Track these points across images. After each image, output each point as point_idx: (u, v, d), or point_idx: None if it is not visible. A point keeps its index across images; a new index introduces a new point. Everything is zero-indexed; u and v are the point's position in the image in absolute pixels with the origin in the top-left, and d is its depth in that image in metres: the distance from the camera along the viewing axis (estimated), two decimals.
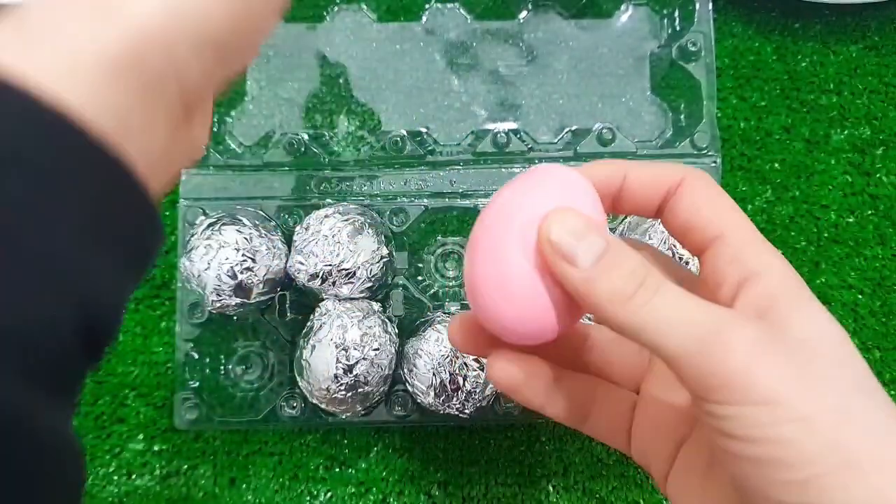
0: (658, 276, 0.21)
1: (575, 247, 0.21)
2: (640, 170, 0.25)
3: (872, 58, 0.45)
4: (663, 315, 0.20)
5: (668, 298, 0.21)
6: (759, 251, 0.22)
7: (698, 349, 0.20)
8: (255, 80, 0.44)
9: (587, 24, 0.44)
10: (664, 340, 0.20)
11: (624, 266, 0.21)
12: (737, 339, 0.20)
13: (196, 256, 0.36)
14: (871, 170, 0.44)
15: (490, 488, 0.41)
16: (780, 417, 0.19)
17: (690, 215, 0.24)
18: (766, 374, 0.19)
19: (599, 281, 0.21)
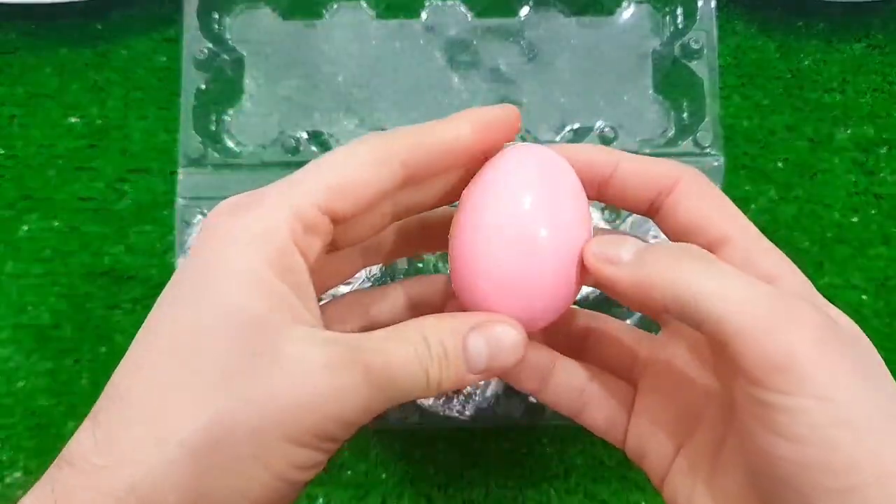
0: (709, 254, 0.21)
1: (615, 250, 0.21)
2: (634, 162, 0.24)
3: (876, 56, 0.45)
4: (722, 284, 0.19)
5: (725, 269, 0.20)
6: (770, 254, 0.22)
7: (766, 326, 0.18)
8: (254, 78, 0.43)
9: (589, 22, 0.43)
10: (728, 312, 0.19)
11: (668, 247, 0.21)
12: (808, 324, 0.19)
13: None
14: (874, 169, 0.44)
15: (490, 491, 0.40)
16: (833, 417, 0.18)
17: (693, 217, 0.23)
18: (828, 367, 0.18)
19: (646, 263, 0.21)
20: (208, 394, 0.18)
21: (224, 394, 0.18)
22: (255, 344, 0.19)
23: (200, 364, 0.19)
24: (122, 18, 0.45)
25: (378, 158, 0.21)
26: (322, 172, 0.21)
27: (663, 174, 0.24)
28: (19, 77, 0.45)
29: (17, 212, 0.43)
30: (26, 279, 0.43)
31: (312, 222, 0.21)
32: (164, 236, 0.43)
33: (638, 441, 0.26)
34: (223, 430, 0.18)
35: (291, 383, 0.19)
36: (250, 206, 0.21)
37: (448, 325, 0.22)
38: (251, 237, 0.20)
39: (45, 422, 0.41)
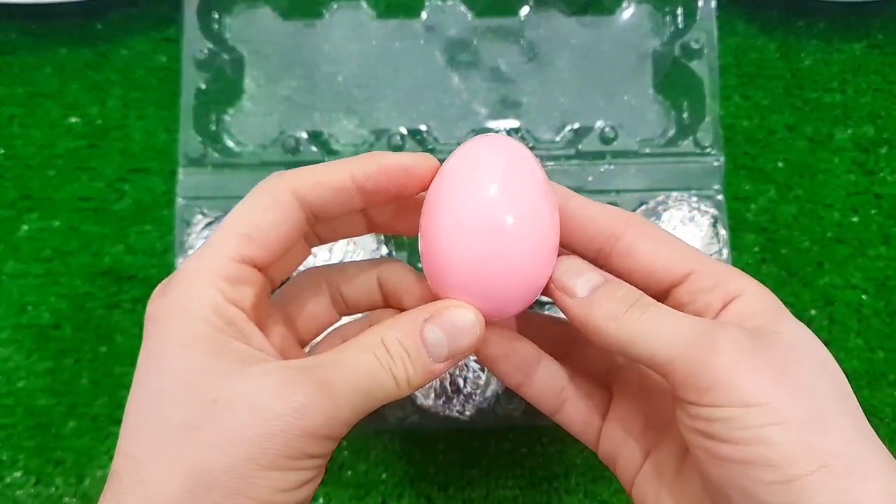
0: (650, 299, 0.23)
1: (573, 281, 0.24)
2: (582, 204, 0.25)
3: (876, 56, 0.45)
4: (654, 326, 0.22)
5: (658, 313, 0.22)
6: (735, 276, 0.24)
7: (686, 352, 0.21)
8: (254, 78, 0.43)
9: (589, 22, 0.43)
10: (655, 348, 0.22)
11: (618, 292, 0.23)
12: (724, 343, 0.21)
13: None
14: (874, 168, 0.44)
15: (491, 491, 0.40)
16: (765, 419, 0.20)
17: (653, 258, 0.24)
18: (751, 376, 0.20)
19: (594, 305, 0.23)
20: (178, 449, 0.20)
21: (192, 444, 0.20)
22: (209, 393, 0.20)
23: (166, 424, 0.20)
24: (122, 18, 0.45)
25: (277, 201, 0.23)
26: (231, 226, 0.23)
27: (611, 220, 0.25)
28: (19, 77, 0.45)
29: (17, 211, 0.43)
30: (26, 279, 0.43)
31: (235, 275, 0.22)
32: (164, 236, 0.43)
33: (610, 445, 0.27)
34: (201, 478, 0.20)
35: (250, 415, 0.20)
36: (177, 281, 0.22)
37: (403, 323, 0.23)
38: (183, 310, 0.21)
39: (45, 421, 0.41)
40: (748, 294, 0.23)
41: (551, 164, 0.40)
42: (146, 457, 0.20)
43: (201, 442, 0.20)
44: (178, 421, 0.20)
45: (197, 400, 0.20)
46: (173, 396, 0.20)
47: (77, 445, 0.41)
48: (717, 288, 0.23)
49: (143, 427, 0.21)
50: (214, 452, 0.20)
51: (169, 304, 0.21)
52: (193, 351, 0.21)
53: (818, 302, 0.42)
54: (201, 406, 0.20)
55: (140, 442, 0.21)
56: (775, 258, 0.42)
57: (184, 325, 0.21)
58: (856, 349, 0.42)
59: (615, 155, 0.40)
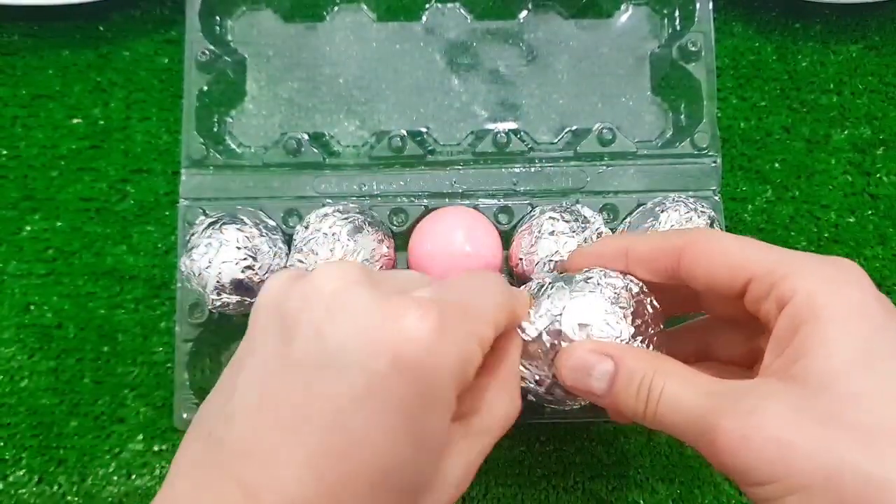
0: (662, 374, 0.24)
1: (589, 384, 0.25)
2: (638, 244, 0.28)
3: (873, 57, 0.45)
4: (668, 423, 0.24)
5: (667, 405, 0.23)
6: (785, 275, 0.23)
7: (700, 446, 0.22)
8: (255, 79, 0.44)
9: (587, 24, 0.44)
10: (681, 438, 0.23)
11: (632, 383, 0.24)
12: (720, 436, 0.21)
13: (197, 255, 0.36)
14: (871, 170, 0.44)
15: (489, 488, 0.41)
16: (781, 491, 0.20)
17: (711, 276, 0.25)
18: (754, 458, 0.21)
19: (619, 404, 0.25)
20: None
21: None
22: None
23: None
24: (125, 20, 0.45)
25: (507, 301, 0.26)
26: (490, 300, 0.25)
27: (667, 248, 0.27)
28: (22, 78, 0.45)
29: (19, 212, 0.44)
30: (29, 279, 0.43)
31: (487, 347, 0.24)
32: (167, 237, 0.43)
33: None
34: None
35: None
36: (449, 327, 0.22)
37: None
38: (455, 364, 0.22)
39: (47, 420, 0.41)
40: (796, 298, 0.23)
41: (550, 165, 0.41)
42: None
43: None
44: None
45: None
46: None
47: (79, 444, 0.41)
48: (772, 292, 0.23)
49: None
50: None
51: (445, 345, 0.21)
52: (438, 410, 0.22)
53: None
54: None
55: None
56: None
57: (449, 386, 0.22)
58: None
59: (613, 156, 0.40)
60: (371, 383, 0.20)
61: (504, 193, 0.40)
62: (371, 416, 0.20)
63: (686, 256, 0.26)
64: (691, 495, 0.40)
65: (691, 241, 0.26)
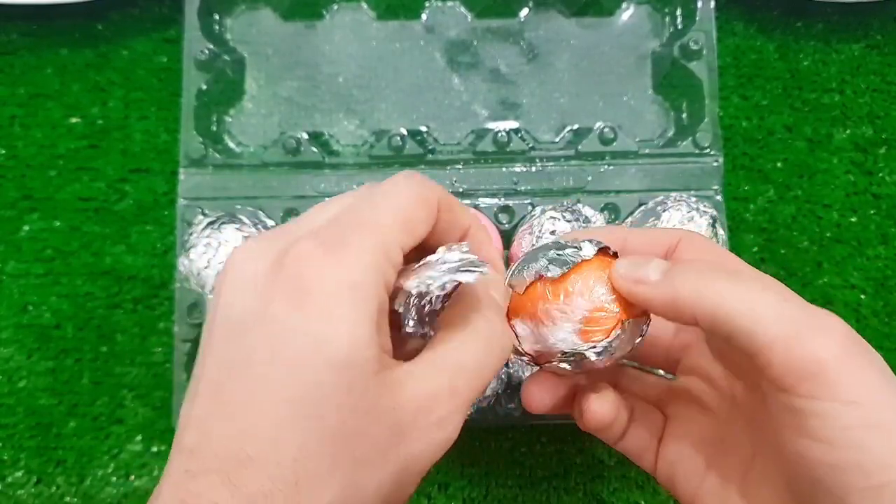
0: (737, 265, 0.23)
1: (643, 270, 0.23)
2: (639, 237, 0.27)
3: (875, 56, 0.45)
4: (755, 298, 0.21)
5: (755, 286, 0.21)
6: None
7: (795, 334, 0.20)
8: (254, 78, 0.43)
9: (588, 23, 0.43)
10: (758, 324, 0.20)
11: (693, 264, 0.22)
12: (834, 333, 0.20)
13: (195, 255, 0.36)
14: (873, 169, 0.44)
15: (490, 490, 0.40)
16: (862, 420, 0.19)
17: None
18: (855, 373, 0.19)
19: (678, 283, 0.22)
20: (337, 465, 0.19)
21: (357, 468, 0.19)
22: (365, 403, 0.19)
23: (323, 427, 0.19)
24: (123, 19, 0.45)
25: (426, 198, 0.22)
26: (396, 212, 0.22)
27: (664, 239, 0.26)
28: (20, 77, 0.45)
29: (18, 212, 0.43)
30: (27, 279, 0.43)
31: (396, 261, 0.21)
32: (165, 236, 0.43)
33: (668, 465, 0.27)
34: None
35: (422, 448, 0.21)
36: (339, 247, 0.20)
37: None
38: (351, 289, 0.20)
39: (46, 421, 0.41)
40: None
41: (551, 164, 0.40)
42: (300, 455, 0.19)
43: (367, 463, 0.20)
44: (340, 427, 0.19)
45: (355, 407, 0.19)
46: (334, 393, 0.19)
47: (78, 445, 0.41)
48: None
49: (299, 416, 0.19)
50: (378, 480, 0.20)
51: (333, 275, 0.20)
52: (359, 348, 0.19)
53: (817, 302, 0.42)
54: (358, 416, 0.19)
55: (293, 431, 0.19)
56: (774, 258, 0.43)
57: (350, 313, 0.19)
58: None
59: (614, 155, 0.40)
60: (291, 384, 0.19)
61: (505, 193, 0.40)
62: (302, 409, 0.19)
63: (679, 251, 0.26)
64: None
65: (685, 236, 0.26)
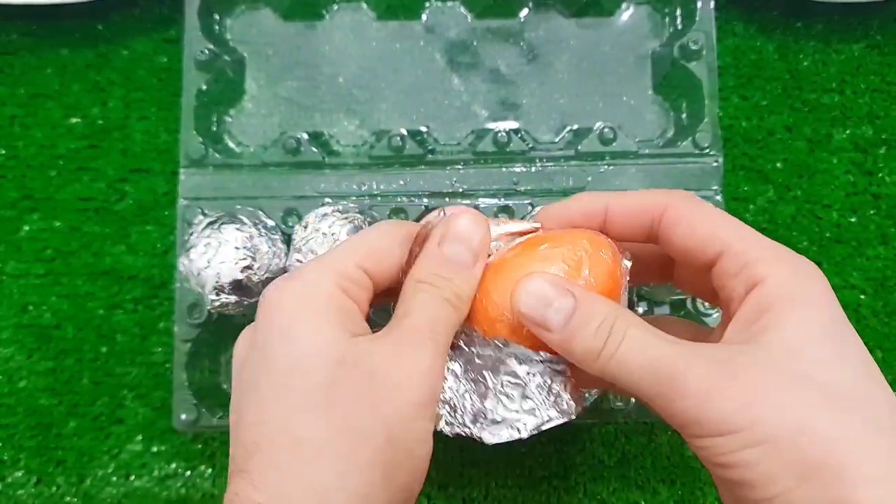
0: (625, 320, 0.23)
1: (544, 314, 0.23)
2: (621, 199, 0.26)
3: (875, 57, 0.45)
4: (628, 366, 0.22)
5: (633, 344, 0.23)
6: (761, 258, 0.23)
7: (660, 394, 0.22)
8: (254, 78, 0.43)
9: (588, 23, 0.43)
10: (635, 388, 0.22)
11: (592, 322, 0.23)
12: (690, 380, 0.21)
13: (195, 255, 0.36)
14: (873, 169, 0.44)
15: (490, 490, 0.40)
16: (741, 443, 0.21)
17: (686, 239, 0.25)
18: (720, 407, 0.21)
19: (573, 341, 0.23)
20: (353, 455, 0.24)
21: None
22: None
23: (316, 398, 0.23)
24: (123, 19, 0.45)
25: (399, 237, 0.26)
26: (356, 243, 0.26)
27: (648, 204, 0.26)
28: (20, 78, 0.45)
29: (18, 212, 0.43)
30: (27, 279, 0.43)
31: (354, 276, 0.25)
32: (166, 236, 0.43)
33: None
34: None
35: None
36: (301, 274, 0.25)
37: (428, 258, 0.26)
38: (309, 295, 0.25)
39: (46, 421, 0.41)
40: (768, 281, 0.23)
41: (551, 164, 0.40)
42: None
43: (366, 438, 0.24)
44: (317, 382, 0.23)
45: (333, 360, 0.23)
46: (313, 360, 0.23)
47: (78, 445, 0.41)
48: (742, 272, 0.23)
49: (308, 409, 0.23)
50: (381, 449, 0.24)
51: (293, 292, 0.24)
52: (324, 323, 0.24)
53: None
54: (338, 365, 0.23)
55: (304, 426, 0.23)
56: None
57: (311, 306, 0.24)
58: None
59: (614, 156, 0.40)
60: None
61: (505, 193, 0.40)
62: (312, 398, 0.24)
63: (667, 216, 0.25)
64: (692, 497, 0.40)
65: (674, 202, 0.25)
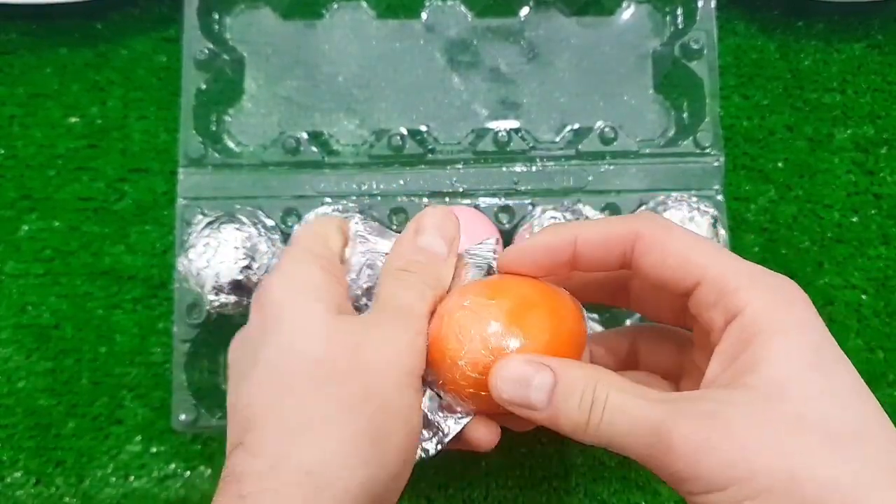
0: (606, 384, 0.23)
1: (527, 394, 0.23)
2: (590, 231, 0.26)
3: (876, 56, 0.45)
4: (616, 432, 0.22)
5: (615, 407, 0.22)
6: (738, 286, 0.23)
7: (651, 455, 0.22)
8: (254, 78, 0.43)
9: (589, 22, 0.43)
10: (626, 451, 0.22)
11: (574, 394, 0.23)
12: (677, 440, 0.21)
13: (194, 255, 0.36)
14: (874, 169, 0.44)
15: (490, 491, 0.40)
16: (740, 496, 0.20)
17: (659, 269, 0.24)
18: (713, 463, 0.21)
19: (559, 417, 0.23)
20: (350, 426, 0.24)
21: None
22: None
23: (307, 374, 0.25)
24: (123, 18, 0.45)
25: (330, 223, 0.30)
26: (302, 234, 0.30)
27: (618, 234, 0.25)
28: (20, 77, 0.45)
29: (17, 212, 0.43)
30: (26, 279, 0.43)
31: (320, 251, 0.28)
32: (165, 236, 0.43)
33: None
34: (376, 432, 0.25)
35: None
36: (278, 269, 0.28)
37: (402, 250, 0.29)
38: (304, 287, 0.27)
39: (45, 421, 0.41)
40: (747, 311, 0.22)
41: (551, 164, 0.40)
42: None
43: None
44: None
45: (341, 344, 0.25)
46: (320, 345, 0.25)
47: (77, 446, 0.41)
48: (720, 302, 0.23)
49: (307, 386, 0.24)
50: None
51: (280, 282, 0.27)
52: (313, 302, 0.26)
53: (818, 302, 0.42)
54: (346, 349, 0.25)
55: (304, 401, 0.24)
56: (775, 258, 0.43)
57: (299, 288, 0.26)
58: (855, 349, 0.42)
59: (615, 155, 0.40)
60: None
61: (505, 192, 0.40)
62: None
63: (641, 244, 0.25)
64: None
65: (644, 230, 0.25)
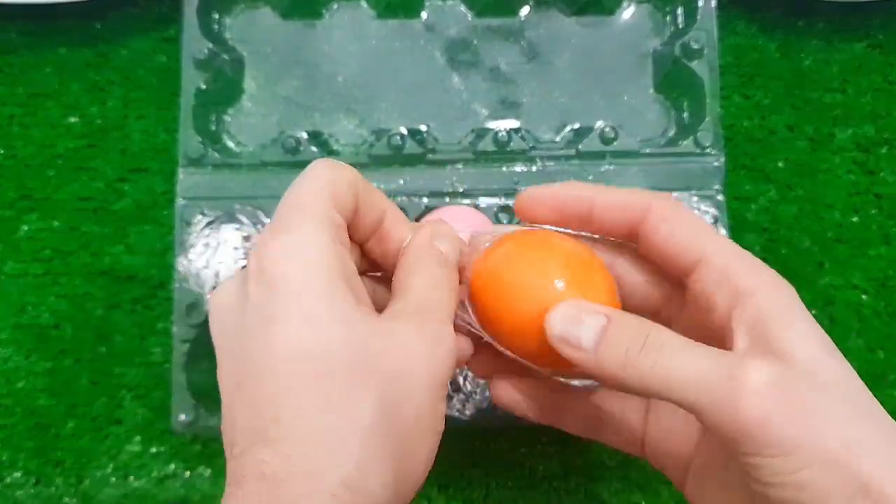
0: (661, 332, 0.22)
1: (576, 332, 0.23)
2: (608, 194, 0.26)
3: (877, 56, 0.45)
4: (673, 372, 0.21)
5: (674, 353, 0.22)
6: (743, 271, 0.23)
7: (713, 402, 0.21)
8: (253, 77, 0.43)
9: (589, 22, 0.43)
10: (680, 396, 0.21)
11: (625, 333, 0.22)
12: (749, 389, 0.20)
13: (194, 255, 0.36)
14: (875, 168, 0.44)
15: (490, 491, 0.40)
16: (796, 464, 0.20)
17: (668, 244, 0.24)
18: (780, 422, 0.20)
19: (607, 355, 0.22)
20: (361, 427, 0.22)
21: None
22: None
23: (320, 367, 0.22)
24: (122, 18, 0.45)
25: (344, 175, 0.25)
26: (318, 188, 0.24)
27: (633, 204, 0.25)
28: (19, 77, 0.45)
29: (16, 212, 0.43)
30: (26, 279, 0.42)
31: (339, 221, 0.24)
32: (164, 236, 0.43)
33: (656, 451, 0.27)
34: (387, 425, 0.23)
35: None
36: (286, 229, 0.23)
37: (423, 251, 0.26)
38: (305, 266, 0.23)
39: (44, 422, 0.41)
40: (756, 295, 0.22)
41: (552, 164, 0.40)
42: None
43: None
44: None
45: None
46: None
47: (77, 446, 0.41)
48: (721, 285, 0.23)
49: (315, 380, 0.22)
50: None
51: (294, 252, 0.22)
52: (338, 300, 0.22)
53: (818, 302, 0.42)
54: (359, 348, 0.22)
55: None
56: (776, 258, 0.42)
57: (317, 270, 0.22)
58: (856, 349, 0.42)
59: (615, 155, 0.40)
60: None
61: (505, 192, 0.40)
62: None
63: (650, 216, 0.25)
64: None
65: (658, 204, 0.25)
